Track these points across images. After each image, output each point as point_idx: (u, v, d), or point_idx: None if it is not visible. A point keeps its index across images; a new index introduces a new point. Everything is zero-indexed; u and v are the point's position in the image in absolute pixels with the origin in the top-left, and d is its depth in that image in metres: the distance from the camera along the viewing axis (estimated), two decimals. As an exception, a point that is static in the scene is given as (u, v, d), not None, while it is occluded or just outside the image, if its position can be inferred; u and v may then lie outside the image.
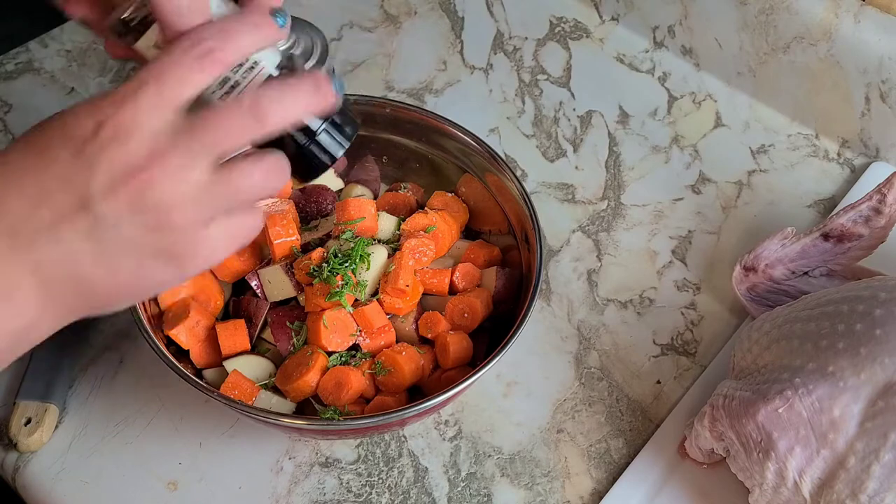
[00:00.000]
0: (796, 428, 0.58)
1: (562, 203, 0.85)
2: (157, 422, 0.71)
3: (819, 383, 0.58)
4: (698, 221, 0.84)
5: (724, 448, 0.63)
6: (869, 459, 0.56)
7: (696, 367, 0.75)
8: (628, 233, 0.83)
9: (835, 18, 0.83)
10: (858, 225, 0.73)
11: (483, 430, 0.72)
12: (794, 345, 0.61)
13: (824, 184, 0.86)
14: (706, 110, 0.92)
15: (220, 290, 0.70)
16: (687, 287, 0.80)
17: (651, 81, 0.94)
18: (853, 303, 0.61)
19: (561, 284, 0.80)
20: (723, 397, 0.63)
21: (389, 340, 0.68)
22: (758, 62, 0.89)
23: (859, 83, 0.84)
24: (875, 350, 0.57)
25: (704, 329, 0.77)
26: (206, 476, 0.69)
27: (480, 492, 0.68)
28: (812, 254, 0.74)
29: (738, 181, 0.87)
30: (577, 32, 0.98)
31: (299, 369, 0.65)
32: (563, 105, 0.92)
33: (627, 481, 0.68)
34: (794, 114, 0.90)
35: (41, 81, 0.92)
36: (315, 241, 0.70)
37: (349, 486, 0.69)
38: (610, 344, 0.76)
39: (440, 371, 0.68)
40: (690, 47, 0.93)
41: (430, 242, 0.70)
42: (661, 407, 0.73)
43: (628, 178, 0.87)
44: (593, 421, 0.72)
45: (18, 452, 0.69)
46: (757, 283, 0.75)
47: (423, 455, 0.70)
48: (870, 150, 0.87)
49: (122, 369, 0.74)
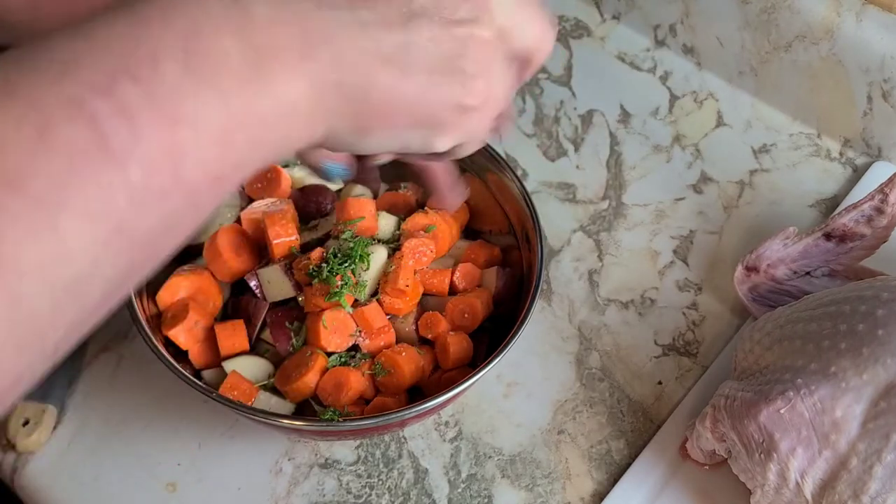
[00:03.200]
0: (798, 429, 0.57)
1: (562, 203, 0.85)
2: (156, 423, 0.71)
3: (821, 384, 0.58)
4: (700, 221, 0.84)
5: (725, 449, 0.63)
6: (871, 460, 0.55)
7: (698, 367, 0.75)
8: (629, 233, 0.83)
9: (837, 17, 0.82)
10: (861, 225, 0.72)
11: (483, 431, 0.71)
12: (796, 345, 0.61)
13: (826, 183, 0.86)
14: (708, 109, 0.92)
15: (219, 290, 0.70)
16: (688, 287, 0.79)
17: (652, 80, 0.94)
18: (855, 303, 0.61)
19: (562, 284, 0.79)
20: (724, 398, 0.62)
21: (389, 341, 0.68)
22: (759, 61, 0.89)
23: (861, 82, 0.83)
24: (877, 350, 0.57)
25: (706, 329, 0.77)
26: (205, 477, 0.68)
27: (481, 493, 0.68)
28: (814, 254, 0.74)
29: (740, 181, 0.86)
30: (577, 31, 0.98)
31: (298, 370, 0.65)
32: (564, 104, 0.92)
33: (628, 482, 0.68)
34: (795, 113, 0.90)
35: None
36: (314, 240, 0.70)
37: (349, 487, 0.68)
38: (611, 344, 0.76)
39: (440, 372, 0.68)
40: (692, 46, 0.93)
41: (430, 242, 0.70)
42: (662, 408, 0.72)
43: (629, 178, 0.87)
44: (594, 422, 0.72)
45: (17, 453, 0.69)
46: (759, 283, 0.74)
47: (424, 456, 0.70)
48: (872, 149, 0.87)
49: (120, 370, 0.73)
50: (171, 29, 0.34)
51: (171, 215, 0.34)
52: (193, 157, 0.34)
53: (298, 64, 0.37)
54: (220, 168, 0.35)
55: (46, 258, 0.30)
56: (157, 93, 0.32)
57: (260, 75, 0.35)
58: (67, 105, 0.31)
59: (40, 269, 0.30)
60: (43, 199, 0.30)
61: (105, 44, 0.33)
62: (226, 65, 0.34)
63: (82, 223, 0.31)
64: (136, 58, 0.33)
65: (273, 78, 0.36)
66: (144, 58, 0.33)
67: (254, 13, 0.35)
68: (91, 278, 0.32)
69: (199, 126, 0.34)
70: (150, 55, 0.33)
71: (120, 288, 0.34)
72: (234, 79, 0.35)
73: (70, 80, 0.31)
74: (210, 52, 0.34)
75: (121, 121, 0.32)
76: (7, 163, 0.30)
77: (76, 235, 0.31)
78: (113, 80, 0.32)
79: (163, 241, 0.35)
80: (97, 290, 0.33)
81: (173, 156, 0.33)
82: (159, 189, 0.33)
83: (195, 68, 0.33)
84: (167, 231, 0.35)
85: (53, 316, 0.32)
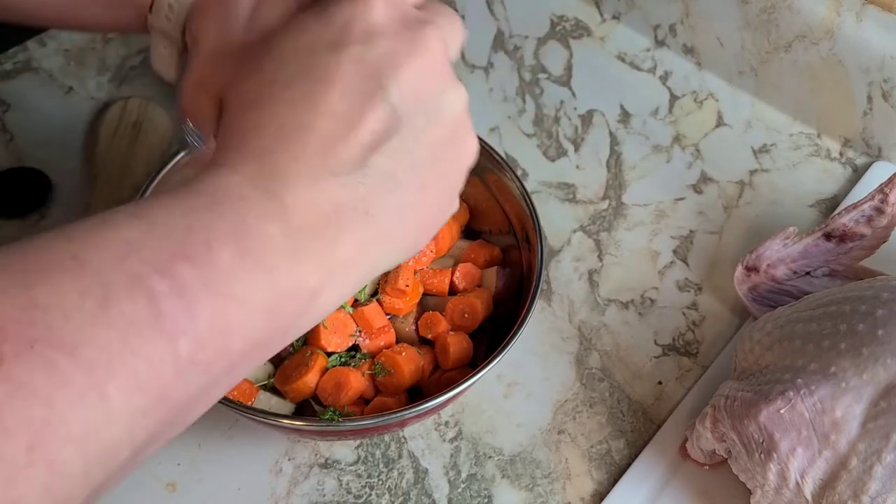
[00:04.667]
0: (798, 429, 0.57)
1: (563, 203, 0.85)
2: (156, 422, 0.71)
3: (821, 384, 0.58)
4: (700, 221, 0.84)
5: (725, 449, 0.63)
6: (871, 460, 0.55)
7: (698, 367, 0.75)
8: (629, 232, 0.83)
9: (837, 17, 0.82)
10: (861, 225, 0.72)
11: (483, 431, 0.71)
12: (796, 345, 0.61)
13: (826, 183, 0.86)
14: (708, 109, 0.92)
15: (219, 290, 0.69)
16: (688, 287, 0.79)
17: (652, 80, 0.94)
18: (855, 303, 0.61)
19: (562, 284, 0.79)
20: (724, 398, 0.62)
21: (389, 341, 0.68)
22: (759, 61, 0.89)
23: (861, 82, 0.83)
24: (877, 350, 0.57)
25: (706, 329, 0.77)
26: (205, 477, 0.68)
27: (481, 493, 0.68)
28: (814, 254, 0.74)
29: (740, 181, 0.86)
30: (578, 31, 0.97)
31: (298, 370, 0.65)
32: (564, 104, 0.92)
33: (628, 482, 0.68)
34: (795, 113, 0.90)
35: (39, 80, 0.92)
36: (314, 240, 0.70)
37: (349, 487, 0.68)
38: (611, 344, 0.76)
39: (440, 372, 0.68)
40: (692, 46, 0.93)
41: (430, 242, 0.70)
42: (662, 408, 0.72)
43: (629, 178, 0.87)
44: (594, 422, 0.72)
45: (16, 453, 0.69)
46: (759, 284, 0.74)
47: (424, 456, 0.70)
48: (872, 149, 0.87)
49: (120, 370, 0.73)
50: (221, 218, 0.37)
51: (211, 384, 0.36)
52: (240, 333, 0.36)
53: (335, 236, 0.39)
54: (264, 338, 0.37)
55: (90, 425, 0.31)
56: (211, 274, 0.35)
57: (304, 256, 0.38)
58: (129, 282, 0.33)
59: (83, 436, 0.31)
60: (95, 366, 0.32)
61: (164, 230, 0.35)
62: (272, 247, 0.37)
63: (129, 393, 0.32)
64: (193, 243, 0.35)
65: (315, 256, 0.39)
66: (199, 243, 0.35)
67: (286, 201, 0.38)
68: (124, 444, 0.33)
69: (249, 303, 0.36)
70: (205, 241, 0.36)
71: (144, 451, 0.35)
72: (281, 259, 0.37)
73: (133, 259, 0.34)
74: (257, 237, 0.37)
75: (177, 299, 0.34)
76: (67, 330, 0.31)
77: (121, 404, 0.32)
78: (172, 261, 0.34)
79: (196, 407, 0.37)
80: (126, 455, 0.34)
81: (223, 333, 0.35)
82: (204, 362, 0.35)
83: (245, 252, 0.36)
84: (202, 397, 0.36)
85: (84, 480, 0.32)
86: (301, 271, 0.38)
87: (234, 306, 0.35)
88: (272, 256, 0.37)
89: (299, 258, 0.38)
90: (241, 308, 0.36)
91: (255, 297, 0.36)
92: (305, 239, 0.38)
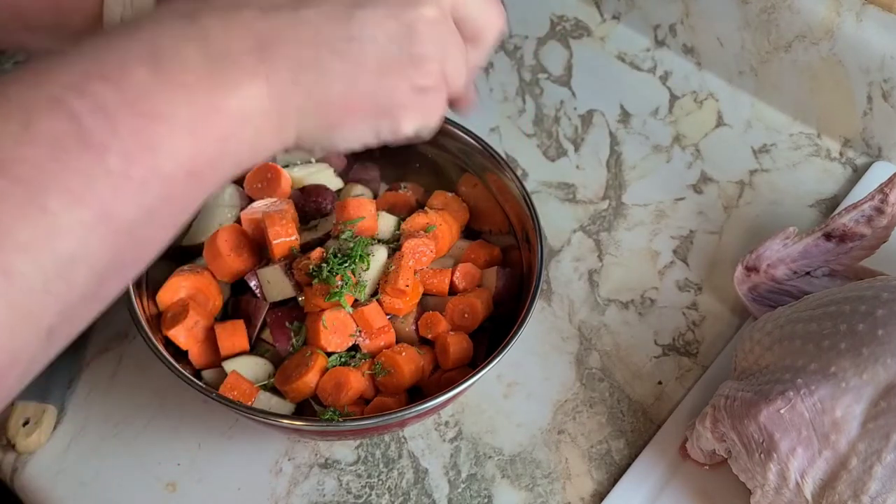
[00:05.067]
0: (798, 429, 0.57)
1: (563, 203, 0.85)
2: (156, 423, 0.71)
3: (821, 384, 0.58)
4: (700, 221, 0.84)
5: (725, 449, 0.63)
6: (871, 460, 0.55)
7: (698, 367, 0.75)
8: (629, 232, 0.83)
9: (837, 17, 0.82)
10: (860, 225, 0.72)
11: (483, 431, 0.71)
12: (796, 345, 0.61)
13: (826, 183, 0.86)
14: (708, 109, 0.92)
15: (219, 290, 0.70)
16: (688, 287, 0.79)
17: (652, 80, 0.94)
18: (855, 303, 0.61)
19: (562, 284, 0.79)
20: (724, 398, 0.62)
21: (389, 341, 0.68)
22: (759, 61, 0.89)
23: (861, 82, 0.83)
24: (877, 350, 0.57)
25: (706, 329, 0.77)
26: (205, 477, 0.68)
27: (481, 493, 0.68)
28: (814, 254, 0.74)
29: (740, 181, 0.86)
30: (577, 31, 0.97)
31: (298, 370, 0.65)
32: (564, 104, 0.92)
33: (628, 482, 0.68)
34: (795, 113, 0.90)
35: (40, 81, 0.92)
36: (314, 240, 0.70)
37: (349, 487, 0.68)
38: (611, 344, 0.76)
39: (440, 372, 0.68)
40: (692, 46, 0.93)
41: (430, 242, 0.70)
42: (662, 408, 0.72)
43: (629, 178, 0.87)
44: (594, 422, 0.72)
45: (17, 453, 0.69)
46: (759, 284, 0.74)
47: (424, 456, 0.70)
48: (872, 149, 0.87)
49: (120, 370, 0.73)
50: (135, 41, 0.38)
51: (151, 207, 0.38)
52: (167, 149, 0.37)
53: (255, 66, 0.40)
54: (193, 163, 0.39)
55: (37, 235, 0.34)
56: (128, 91, 0.37)
57: (221, 78, 0.39)
58: (48, 102, 0.35)
59: (31, 246, 0.34)
60: (28, 181, 0.34)
61: (79, 56, 0.37)
62: (189, 69, 0.39)
63: (68, 205, 0.34)
64: (106, 62, 0.37)
65: (234, 80, 0.40)
66: (113, 62, 0.37)
67: (207, 26, 0.40)
68: (79, 260, 0.35)
69: (170, 120, 0.38)
70: (119, 60, 0.37)
71: (108, 278, 0.38)
72: (199, 80, 0.39)
73: (51, 83, 0.36)
74: (174, 58, 0.38)
75: (97, 115, 0.36)
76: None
77: (65, 217, 0.34)
78: (86, 80, 0.36)
79: (146, 234, 0.39)
80: (86, 274, 0.36)
81: (149, 147, 0.37)
82: (138, 178, 0.37)
83: (161, 71, 0.38)
84: (149, 223, 0.38)
85: (45, 294, 0.35)
86: (220, 94, 0.39)
87: (155, 124, 0.37)
88: (188, 75, 0.38)
89: (216, 81, 0.39)
90: (163, 125, 0.37)
91: (174, 115, 0.38)
92: (224, 64, 0.39)
